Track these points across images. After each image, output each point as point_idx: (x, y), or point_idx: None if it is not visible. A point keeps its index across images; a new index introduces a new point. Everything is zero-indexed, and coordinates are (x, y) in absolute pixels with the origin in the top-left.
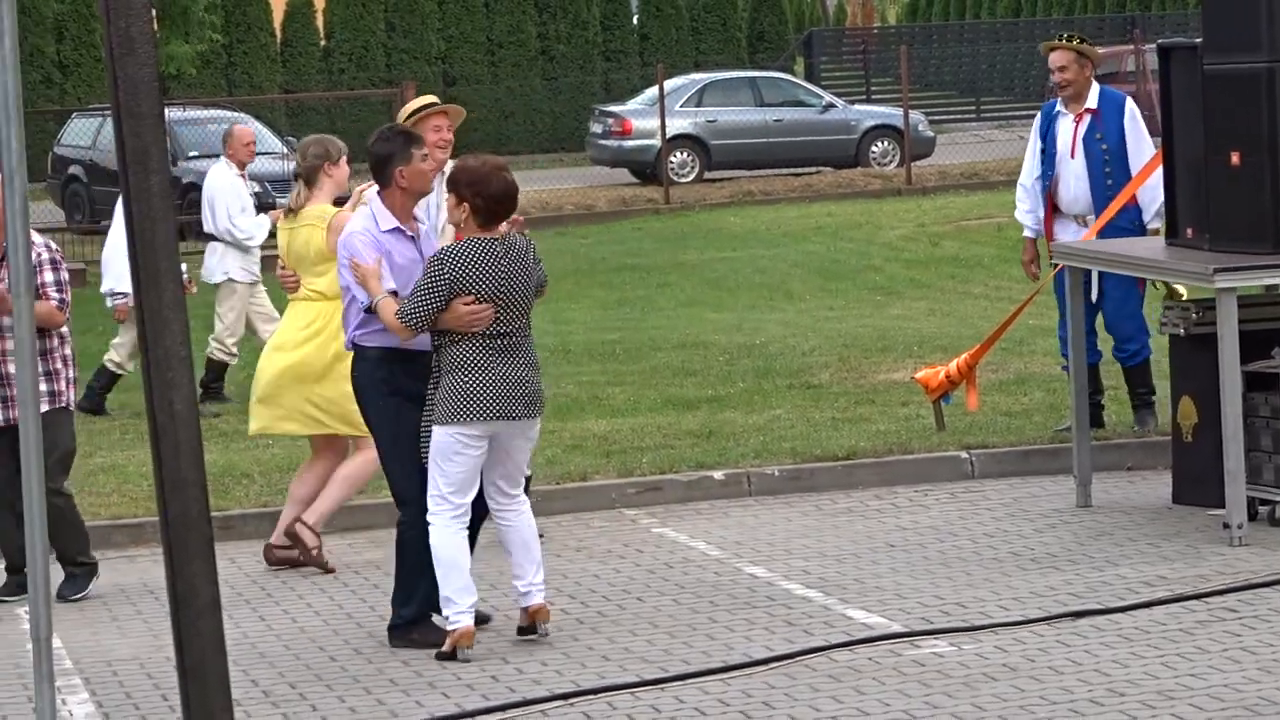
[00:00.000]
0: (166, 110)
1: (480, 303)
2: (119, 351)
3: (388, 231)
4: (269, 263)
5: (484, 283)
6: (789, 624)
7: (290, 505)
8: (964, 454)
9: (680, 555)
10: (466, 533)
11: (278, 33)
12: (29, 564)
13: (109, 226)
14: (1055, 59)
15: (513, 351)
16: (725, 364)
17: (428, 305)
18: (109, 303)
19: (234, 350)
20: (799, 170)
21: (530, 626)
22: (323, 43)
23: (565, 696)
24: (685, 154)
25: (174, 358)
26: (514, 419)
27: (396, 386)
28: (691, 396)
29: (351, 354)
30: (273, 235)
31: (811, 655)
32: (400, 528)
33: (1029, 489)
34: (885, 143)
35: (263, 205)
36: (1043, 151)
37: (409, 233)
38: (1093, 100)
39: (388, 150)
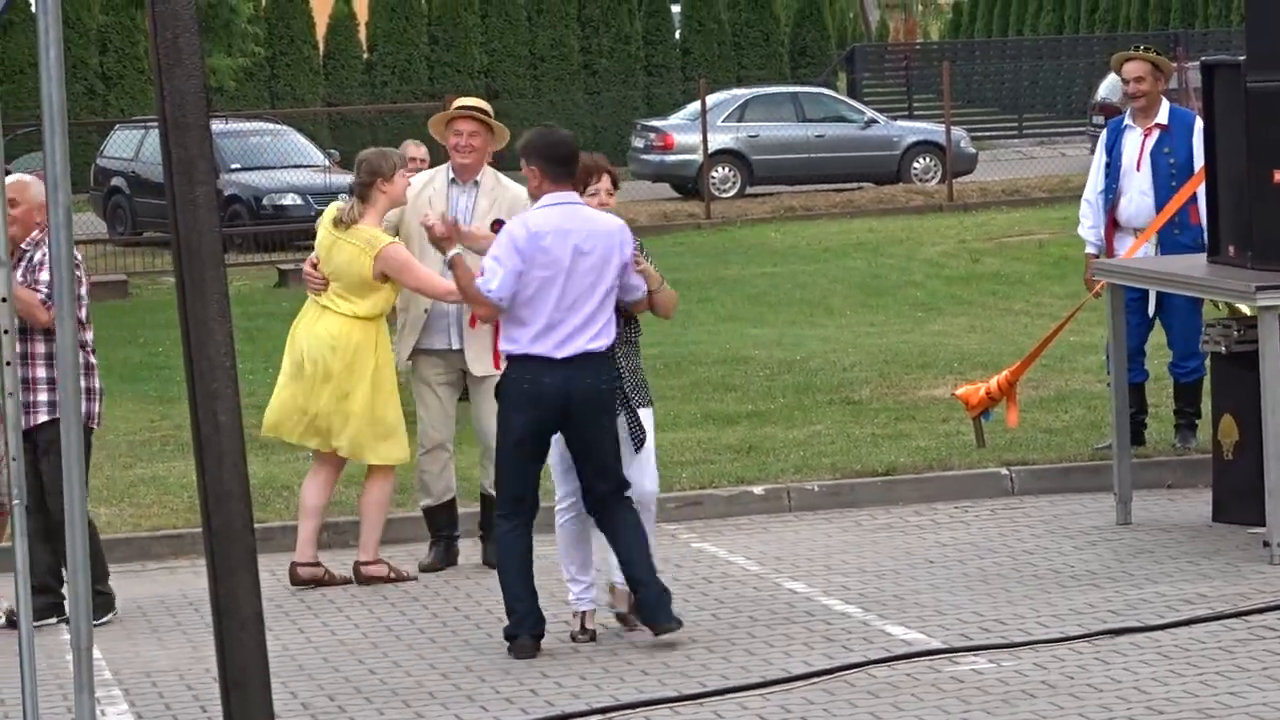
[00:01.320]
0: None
1: None
2: None
3: None
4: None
5: None
6: (828, 640)
7: (310, 518)
8: (1004, 470)
9: (720, 570)
10: None
11: (320, 45)
12: (69, 574)
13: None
14: (1131, 69)
15: None
16: (765, 379)
17: None
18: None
19: None
20: (840, 186)
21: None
22: (365, 56)
23: (603, 711)
24: (727, 169)
25: (218, 369)
26: None
27: None
28: (731, 411)
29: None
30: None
31: (850, 671)
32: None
33: (1069, 506)
34: (927, 159)
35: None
36: (1107, 165)
37: None
38: (1163, 116)
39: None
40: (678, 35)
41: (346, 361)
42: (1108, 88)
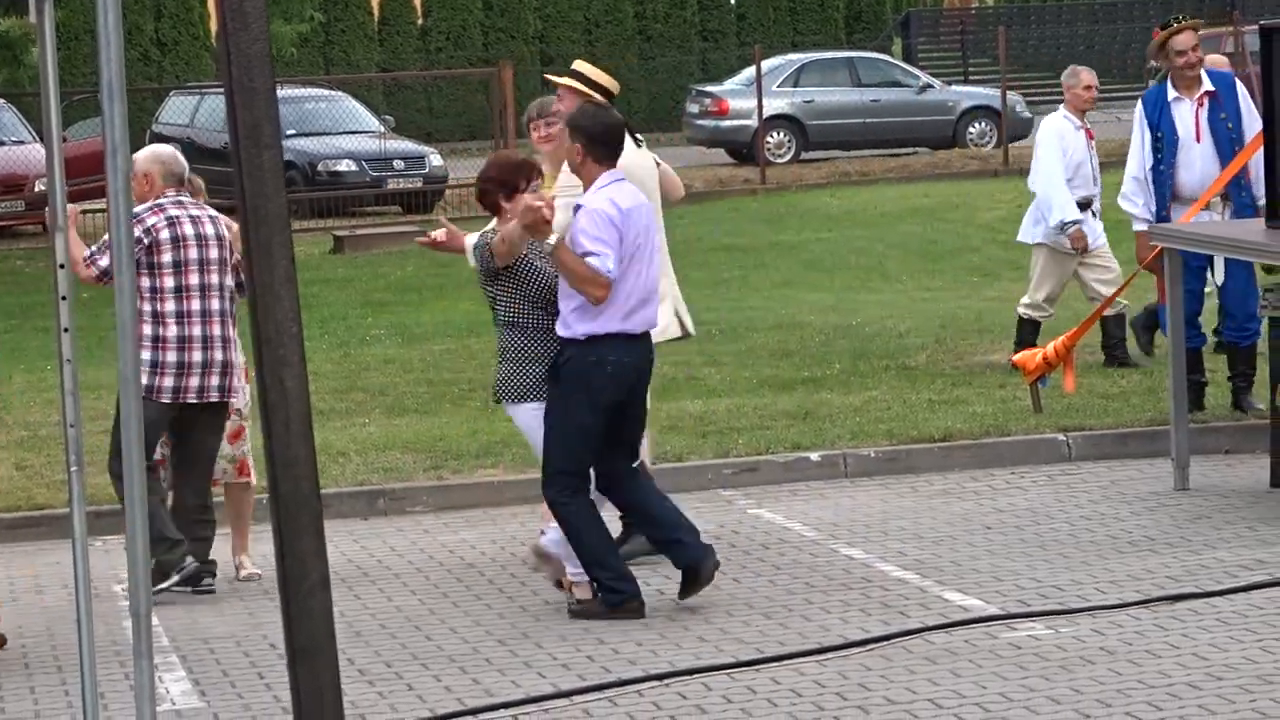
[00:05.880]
0: None
1: None
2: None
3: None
4: None
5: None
6: (885, 606)
7: None
8: (1061, 436)
9: (776, 536)
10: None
11: (375, 11)
12: (128, 539)
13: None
14: (1185, 40)
15: None
16: (821, 345)
17: None
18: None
19: (1047, 309)
20: (896, 151)
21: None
22: (420, 21)
23: (661, 677)
24: (782, 134)
25: (285, 334)
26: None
27: None
28: (788, 377)
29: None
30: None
31: (908, 637)
32: None
33: (1126, 472)
34: (983, 123)
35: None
36: (1157, 139)
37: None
38: (1207, 82)
39: None
40: (733, 0)
41: None
42: None
